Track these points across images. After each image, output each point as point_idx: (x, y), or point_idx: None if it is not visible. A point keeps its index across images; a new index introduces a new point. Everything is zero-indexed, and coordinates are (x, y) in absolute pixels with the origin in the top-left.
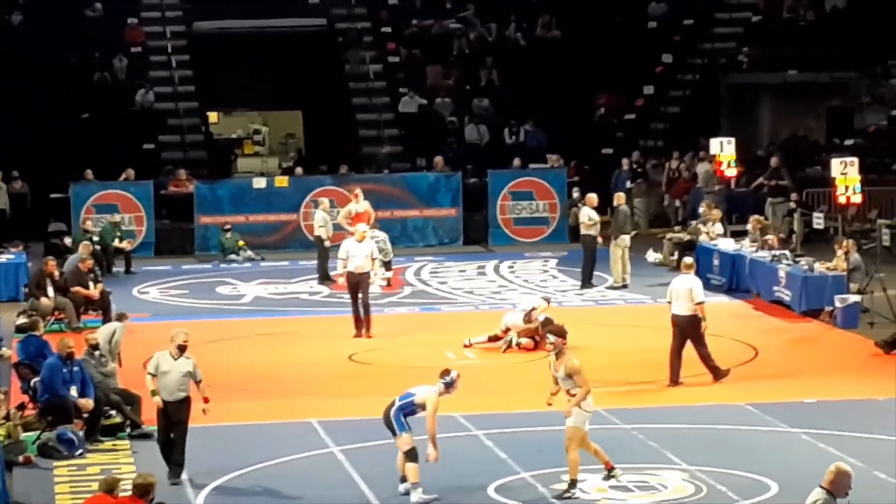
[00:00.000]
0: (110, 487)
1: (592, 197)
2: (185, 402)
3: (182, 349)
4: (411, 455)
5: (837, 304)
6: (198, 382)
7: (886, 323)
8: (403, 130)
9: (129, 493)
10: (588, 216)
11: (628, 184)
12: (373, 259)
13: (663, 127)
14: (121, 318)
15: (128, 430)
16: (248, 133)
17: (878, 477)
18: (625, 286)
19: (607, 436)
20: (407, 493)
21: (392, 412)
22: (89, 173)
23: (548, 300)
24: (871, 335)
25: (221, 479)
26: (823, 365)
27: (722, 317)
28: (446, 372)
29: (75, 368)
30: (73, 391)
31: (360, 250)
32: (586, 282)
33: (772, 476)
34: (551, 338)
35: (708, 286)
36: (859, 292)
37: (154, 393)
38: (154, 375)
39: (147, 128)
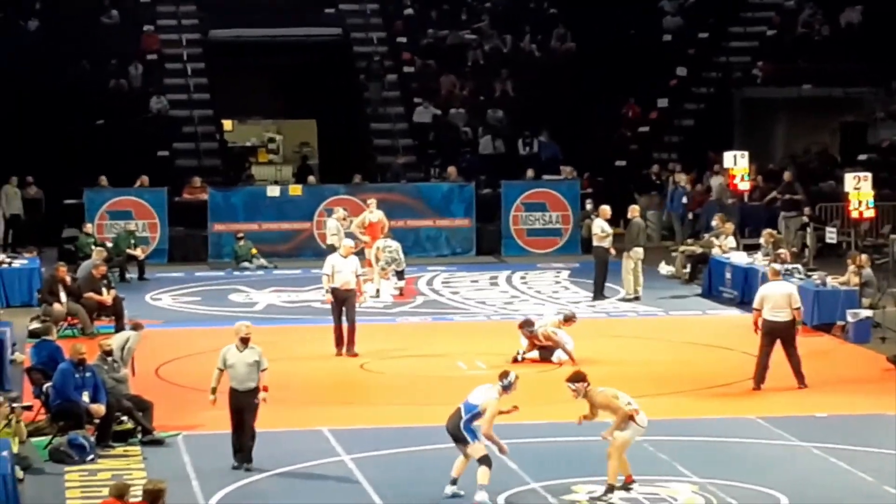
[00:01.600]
0: (120, 493)
1: (606, 209)
2: (256, 391)
3: (245, 341)
4: (486, 461)
5: (849, 319)
6: (262, 370)
7: None
8: (417, 140)
9: (140, 498)
10: (601, 228)
11: (685, 199)
12: (357, 276)
13: (677, 140)
14: (136, 327)
15: (139, 436)
16: (262, 141)
17: (889, 492)
18: (637, 298)
19: None
20: (454, 496)
21: (462, 424)
22: (103, 179)
23: (569, 318)
24: (882, 350)
25: (232, 485)
26: (834, 379)
27: (733, 330)
28: (505, 374)
29: (87, 374)
30: (85, 396)
31: (347, 266)
32: (598, 293)
33: (782, 489)
34: (572, 385)
35: (720, 299)
36: (871, 307)
37: (213, 390)
38: (222, 370)
39: (162, 135)
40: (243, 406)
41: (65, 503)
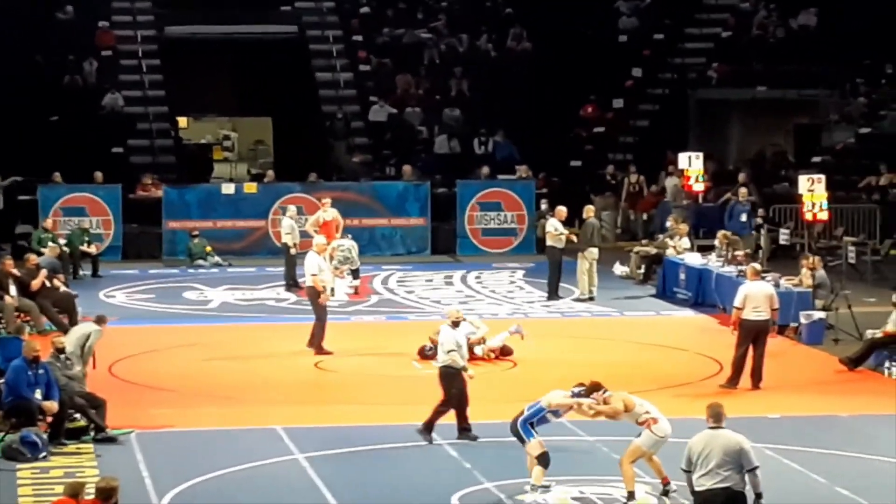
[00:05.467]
0: (75, 492)
1: (562, 209)
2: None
3: (456, 324)
4: (542, 460)
5: (802, 321)
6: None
7: (851, 340)
8: (373, 139)
9: (93, 496)
10: (554, 227)
11: (743, 217)
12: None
13: (632, 140)
14: (100, 321)
15: (92, 433)
16: (217, 139)
17: (841, 493)
18: (591, 299)
19: (572, 447)
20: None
21: (519, 422)
22: (58, 176)
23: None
24: (835, 352)
25: (184, 484)
26: (787, 381)
27: (687, 331)
28: (580, 384)
29: (41, 371)
30: (38, 394)
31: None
32: (553, 294)
33: None
34: (593, 397)
35: (674, 300)
36: (824, 309)
37: (465, 368)
38: (456, 350)
39: (116, 132)
40: (465, 383)
41: (17, 500)
